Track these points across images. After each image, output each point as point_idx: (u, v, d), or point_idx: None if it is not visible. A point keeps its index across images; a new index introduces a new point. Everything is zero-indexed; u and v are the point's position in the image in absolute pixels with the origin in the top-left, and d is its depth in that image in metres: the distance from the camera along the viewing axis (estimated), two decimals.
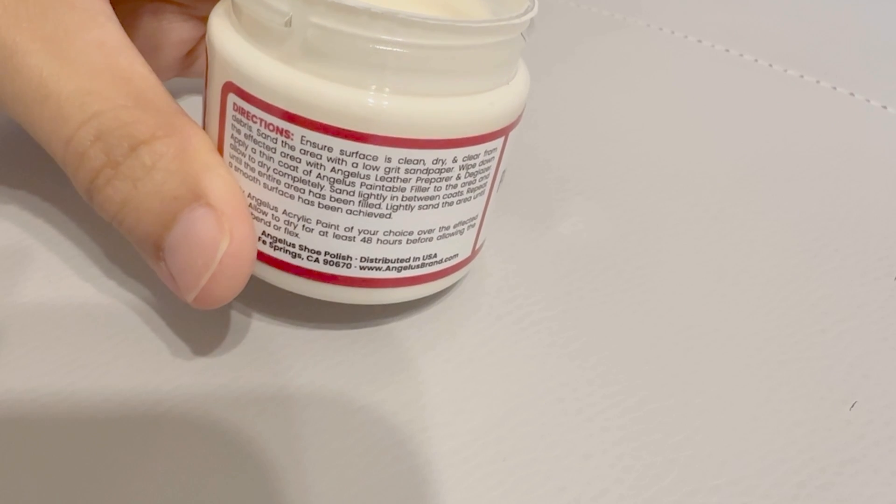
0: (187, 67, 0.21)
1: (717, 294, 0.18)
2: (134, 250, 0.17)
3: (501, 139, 0.14)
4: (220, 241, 0.13)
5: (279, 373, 0.15)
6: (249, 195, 0.14)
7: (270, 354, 0.15)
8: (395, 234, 0.14)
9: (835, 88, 0.29)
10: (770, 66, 0.30)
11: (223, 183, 0.14)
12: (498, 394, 0.15)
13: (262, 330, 0.15)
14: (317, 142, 0.13)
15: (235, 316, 0.16)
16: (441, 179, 0.13)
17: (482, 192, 0.14)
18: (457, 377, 0.15)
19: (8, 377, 0.14)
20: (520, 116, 0.15)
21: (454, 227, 0.14)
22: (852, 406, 0.15)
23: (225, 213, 0.14)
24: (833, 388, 0.16)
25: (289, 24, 0.12)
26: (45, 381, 0.14)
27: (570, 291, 0.17)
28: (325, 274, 0.14)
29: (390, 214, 0.13)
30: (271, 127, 0.13)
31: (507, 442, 0.14)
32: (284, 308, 0.16)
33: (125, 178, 0.14)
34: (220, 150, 0.14)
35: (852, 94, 0.28)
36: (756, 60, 0.30)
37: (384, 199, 0.13)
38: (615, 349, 0.16)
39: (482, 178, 0.14)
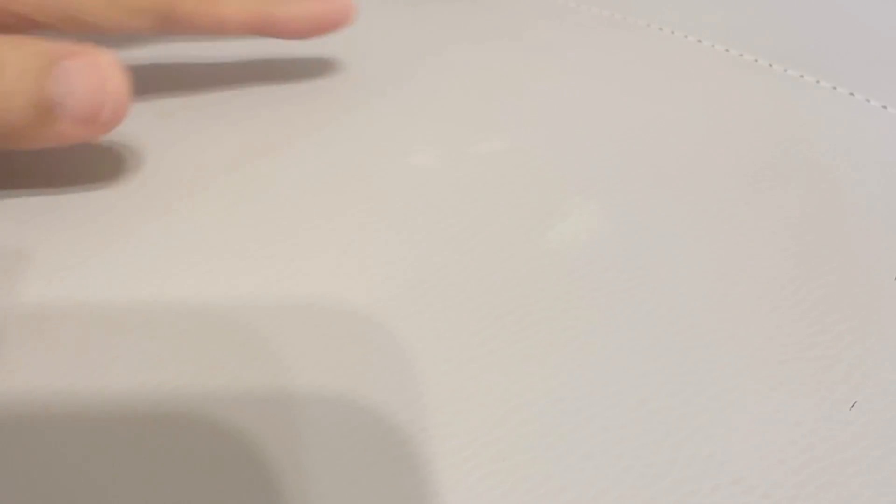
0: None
1: (717, 294, 0.18)
2: (132, 250, 0.17)
3: None
4: (98, 60, 0.17)
5: (279, 373, 0.15)
6: None
7: (270, 354, 0.15)
8: None
9: (835, 88, 0.29)
10: (770, 66, 0.30)
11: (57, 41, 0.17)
12: (498, 394, 0.15)
13: (262, 330, 0.15)
14: None
15: (235, 316, 0.16)
16: None
17: None
18: (456, 377, 0.15)
19: (8, 377, 0.14)
20: None
21: None
22: (852, 406, 0.15)
23: (83, 47, 0.17)
24: (833, 388, 0.16)
25: None
26: (45, 381, 0.14)
27: (571, 291, 0.17)
28: None
29: None
30: None
31: (507, 442, 0.14)
32: (284, 307, 0.16)
33: None
34: None
35: (852, 94, 0.28)
36: (756, 60, 0.30)
37: None
38: (615, 349, 0.16)
39: None
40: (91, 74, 0.17)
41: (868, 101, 0.28)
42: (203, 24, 0.20)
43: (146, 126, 0.22)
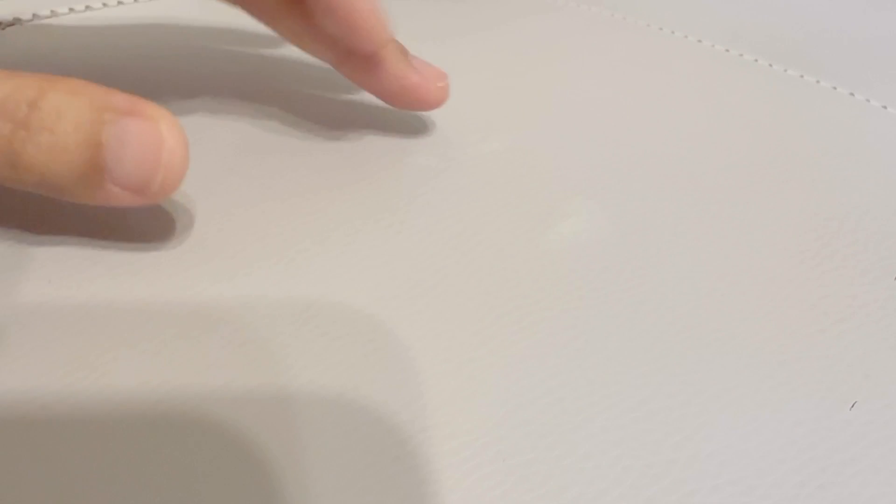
0: None
1: (717, 294, 0.18)
2: (132, 250, 0.17)
3: None
4: (158, 126, 0.15)
5: (279, 373, 0.15)
6: None
7: (270, 354, 0.15)
8: None
9: (835, 88, 0.29)
10: (770, 66, 0.30)
11: (116, 91, 0.16)
12: (498, 394, 0.15)
13: (262, 330, 0.16)
14: None
15: (235, 316, 0.16)
16: None
17: None
18: (457, 377, 0.15)
19: (8, 377, 0.14)
20: None
21: None
22: (852, 406, 0.15)
23: (144, 105, 0.15)
24: (833, 388, 0.16)
25: None
26: (45, 381, 0.14)
27: (570, 291, 0.17)
28: None
29: None
30: None
31: (507, 442, 0.14)
32: (284, 307, 0.16)
33: (41, 130, 0.15)
34: None
35: (852, 94, 0.28)
36: (756, 60, 0.30)
37: None
38: (615, 349, 0.16)
39: None
40: (146, 142, 0.15)
41: (868, 101, 0.28)
42: None
43: None
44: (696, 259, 0.19)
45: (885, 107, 0.28)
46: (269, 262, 0.17)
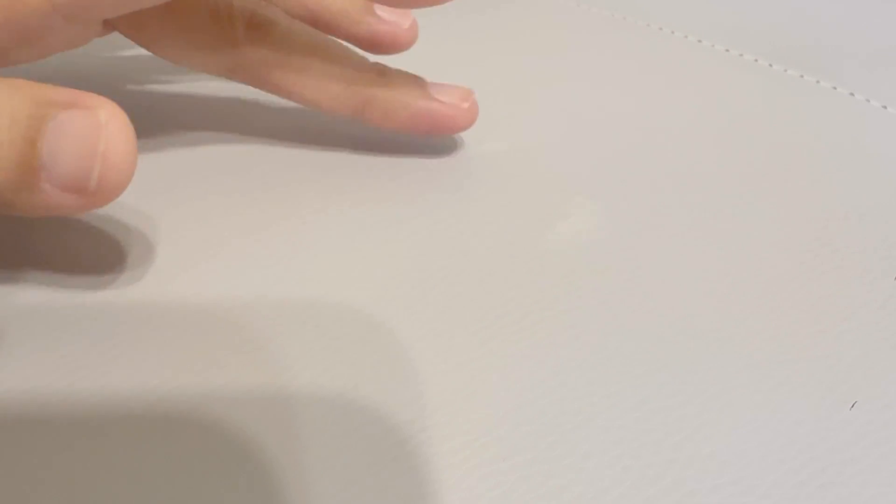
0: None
1: (717, 294, 0.18)
2: (131, 250, 0.17)
3: None
4: (96, 113, 0.14)
5: (279, 373, 0.15)
6: None
7: (270, 354, 0.15)
8: None
9: (835, 88, 0.29)
10: (770, 66, 0.30)
11: (61, 87, 0.14)
12: (498, 394, 0.15)
13: (262, 330, 0.16)
14: None
15: (235, 316, 0.16)
16: None
17: None
18: (457, 377, 0.15)
19: (8, 377, 0.14)
20: None
21: None
22: (852, 406, 0.15)
23: (85, 97, 0.14)
24: (833, 388, 0.16)
25: None
26: (45, 381, 0.14)
27: (570, 291, 0.17)
28: None
29: None
30: None
31: (507, 442, 0.14)
32: (284, 307, 0.16)
33: None
34: None
35: (852, 94, 0.28)
36: (756, 60, 0.30)
37: None
38: (615, 349, 0.16)
39: None
40: (81, 129, 0.14)
41: (868, 101, 0.28)
42: None
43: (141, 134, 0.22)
44: (695, 259, 0.19)
45: (885, 107, 0.28)
46: (269, 261, 0.17)
